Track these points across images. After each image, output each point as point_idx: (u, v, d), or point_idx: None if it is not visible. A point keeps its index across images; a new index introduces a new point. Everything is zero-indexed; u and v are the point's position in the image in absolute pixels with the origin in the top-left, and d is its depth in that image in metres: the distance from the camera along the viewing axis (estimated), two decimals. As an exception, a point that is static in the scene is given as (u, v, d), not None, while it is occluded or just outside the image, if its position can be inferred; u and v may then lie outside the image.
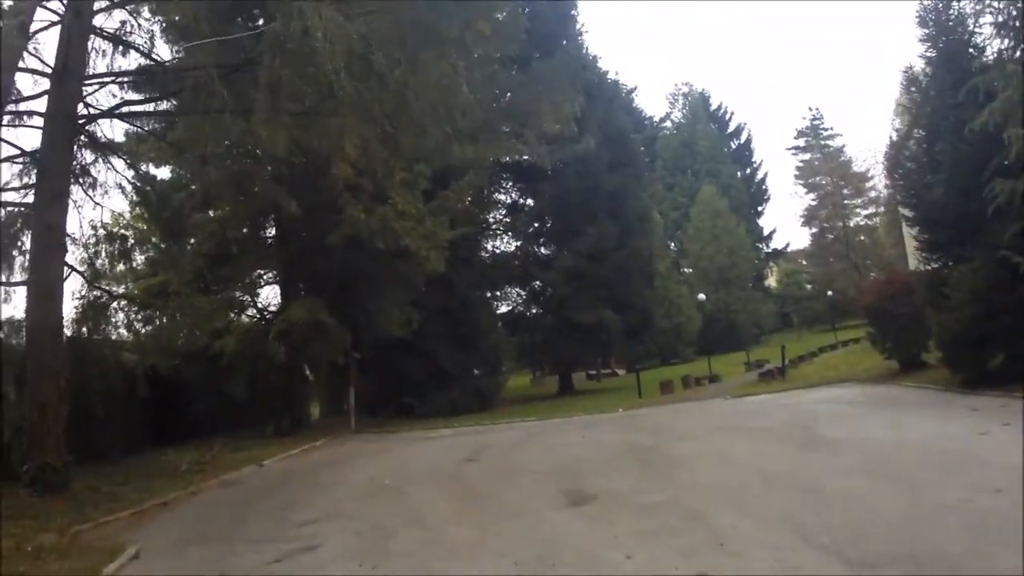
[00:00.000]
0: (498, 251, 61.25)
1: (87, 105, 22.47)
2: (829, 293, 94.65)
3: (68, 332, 24.06)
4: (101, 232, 26.28)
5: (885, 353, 34.10)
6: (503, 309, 61.06)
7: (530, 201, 60.20)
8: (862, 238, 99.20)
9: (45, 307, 20.53)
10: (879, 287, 35.36)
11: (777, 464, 16.37)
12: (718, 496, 13.62)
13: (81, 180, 24.46)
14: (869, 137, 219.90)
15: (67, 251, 22.52)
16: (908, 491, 12.25)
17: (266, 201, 33.42)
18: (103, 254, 26.34)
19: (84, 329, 25.64)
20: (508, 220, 61.43)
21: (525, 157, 49.26)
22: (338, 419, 38.39)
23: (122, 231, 27.55)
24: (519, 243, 61.08)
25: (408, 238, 34.33)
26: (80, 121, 21.84)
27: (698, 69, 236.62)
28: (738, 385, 43.56)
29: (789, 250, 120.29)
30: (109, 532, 15.69)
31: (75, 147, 23.02)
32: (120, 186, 25.74)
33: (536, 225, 60.00)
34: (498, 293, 60.50)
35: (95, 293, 25.93)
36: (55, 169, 20.87)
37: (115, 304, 26.95)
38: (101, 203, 25.55)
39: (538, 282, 57.83)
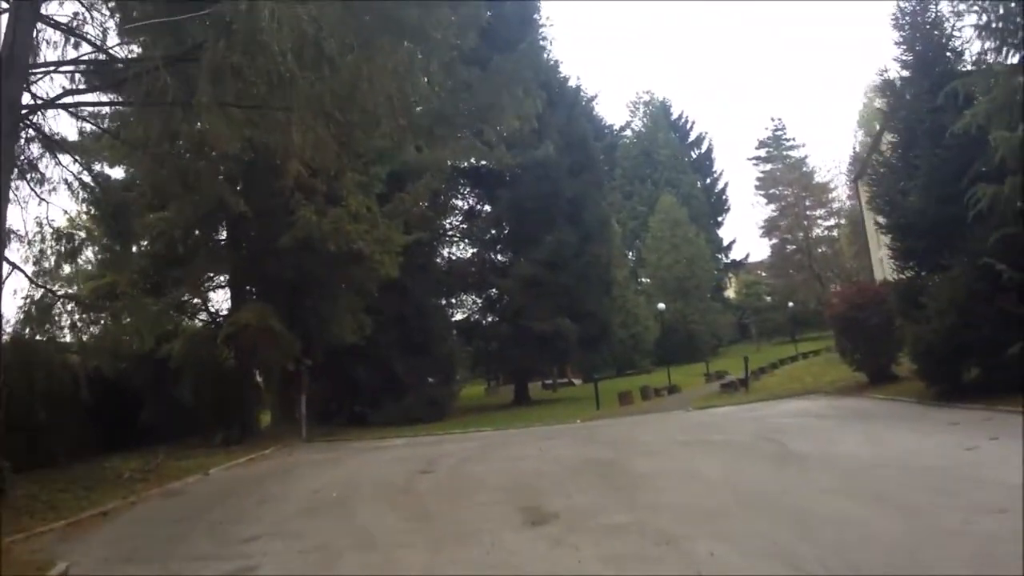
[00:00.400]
0: (454, 258, 60.58)
1: (34, 96, 21.37)
2: (790, 304, 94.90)
3: (8, 332, 23.73)
4: (48, 230, 25.54)
5: (854, 364, 33.70)
6: (458, 317, 60.54)
7: (487, 207, 59.38)
8: (823, 249, 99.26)
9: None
10: (848, 296, 34.90)
11: (750, 482, 15.61)
12: (689, 517, 12.68)
13: (28, 176, 23.14)
14: (832, 148, 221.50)
15: (5, 247, 21.20)
16: (900, 513, 11.46)
17: (217, 201, 31.95)
18: (49, 252, 25.63)
19: (27, 330, 24.75)
20: (465, 226, 60.85)
21: (483, 162, 50.93)
22: (289, 427, 37.52)
23: (70, 230, 26.81)
24: (476, 250, 60.42)
25: (361, 242, 33.86)
26: (23, 111, 20.83)
27: (659, 78, 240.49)
28: (699, 397, 43.04)
29: (749, 261, 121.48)
30: (42, 544, 15.11)
31: (22, 140, 22.02)
32: (67, 183, 24.15)
33: (493, 232, 59.25)
34: (453, 300, 59.95)
35: (38, 293, 24.70)
36: (-3, 162, 19.78)
37: (60, 305, 25.50)
38: (48, 200, 23.91)
39: (495, 289, 57.23)
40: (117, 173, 32.35)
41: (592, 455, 21.58)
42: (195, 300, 38.33)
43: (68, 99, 22.02)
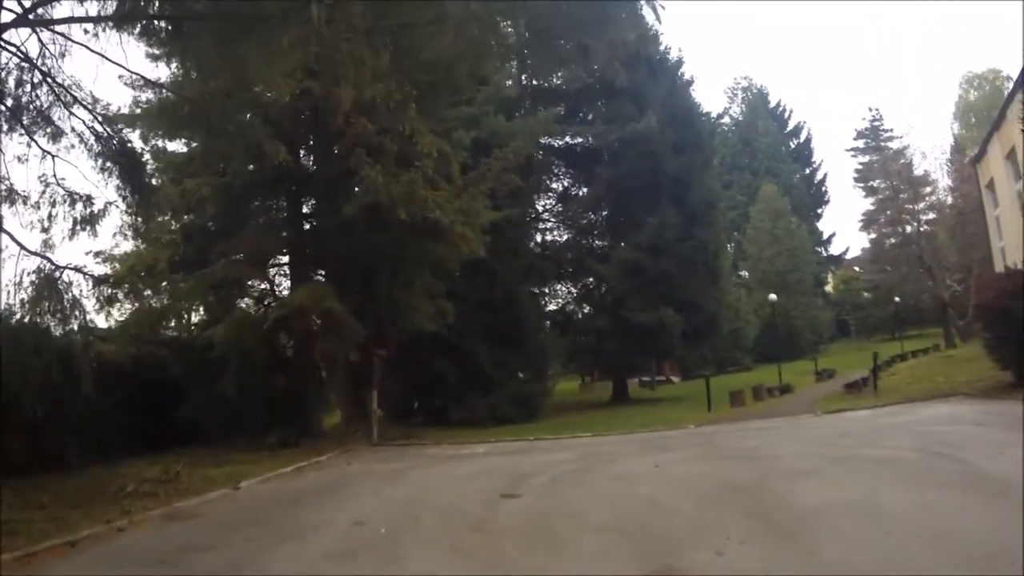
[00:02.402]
0: (548, 242, 57.69)
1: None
2: (896, 300, 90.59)
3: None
4: (59, 191, 21.40)
5: (1002, 362, 28.42)
6: (551, 307, 58.18)
7: (584, 190, 56.26)
8: (922, 245, 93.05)
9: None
10: (998, 284, 29.40)
11: (962, 524, 10.74)
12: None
13: (35, 126, 20.13)
14: (928, 140, 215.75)
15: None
16: None
17: (273, 166, 28.14)
18: (62, 217, 21.57)
19: (24, 311, 20.27)
20: (559, 208, 58.00)
21: (579, 139, 50.65)
22: (360, 427, 33.16)
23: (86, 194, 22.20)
24: (571, 234, 57.47)
25: (440, 211, 29.40)
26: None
27: (755, 64, 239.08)
28: (820, 398, 38.40)
29: (847, 256, 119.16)
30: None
31: (27, 87, 19.43)
32: (80, 136, 20.83)
33: (591, 215, 56.43)
34: (546, 290, 57.15)
35: (42, 266, 20.33)
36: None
37: (67, 280, 20.92)
38: (64, 158, 20.90)
39: (591, 278, 54.41)
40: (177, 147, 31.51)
41: (727, 475, 16.30)
42: (249, 281, 34.38)
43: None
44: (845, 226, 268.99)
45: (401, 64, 18.79)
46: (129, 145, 21.91)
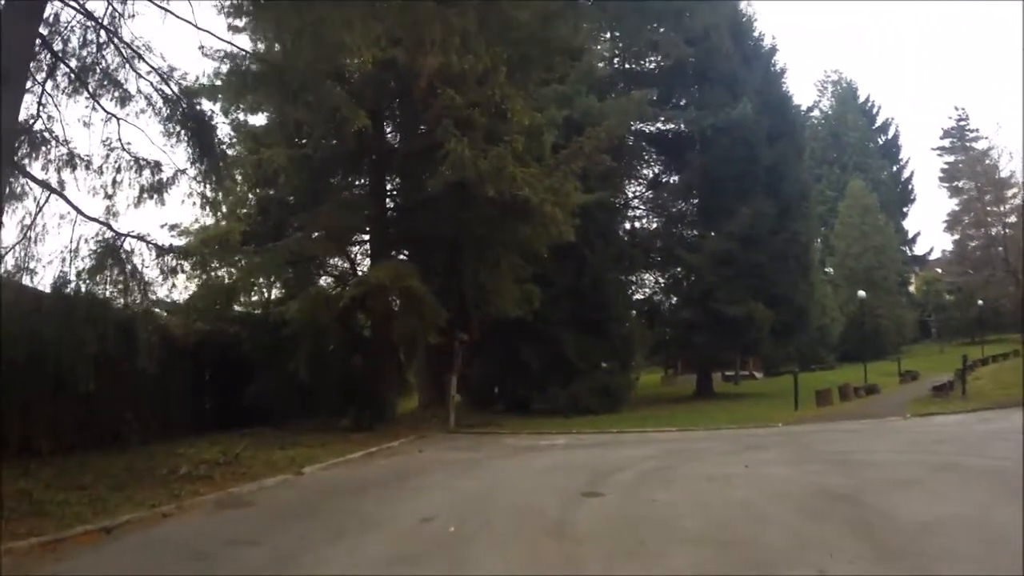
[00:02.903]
0: (637, 229, 55.87)
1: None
2: (980, 303, 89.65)
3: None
4: (124, 156, 20.19)
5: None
6: (637, 296, 56.51)
7: (675, 178, 55.01)
8: (1000, 248, 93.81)
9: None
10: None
11: None
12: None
13: (101, 89, 19.17)
14: (1014, 141, 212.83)
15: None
16: None
17: (357, 140, 28.78)
18: (127, 184, 20.36)
19: (78, 279, 19.27)
20: (649, 196, 56.59)
21: (671, 125, 52.42)
22: (438, 412, 33.71)
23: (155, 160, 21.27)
24: (661, 221, 56.00)
25: (529, 189, 28.17)
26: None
27: (844, 59, 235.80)
28: (908, 400, 36.94)
29: (931, 257, 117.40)
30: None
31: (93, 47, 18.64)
32: (147, 98, 19.83)
33: (681, 203, 55.17)
34: (633, 278, 55.57)
35: (102, 232, 19.47)
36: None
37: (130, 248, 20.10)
38: (124, 119, 19.73)
39: (680, 268, 52.84)
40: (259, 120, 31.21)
41: (822, 481, 15.37)
42: (328, 257, 34.07)
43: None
44: (929, 226, 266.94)
45: (490, 27, 18.53)
46: (199, 108, 20.96)
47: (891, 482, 14.92)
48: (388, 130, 32.75)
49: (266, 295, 32.74)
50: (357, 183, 33.70)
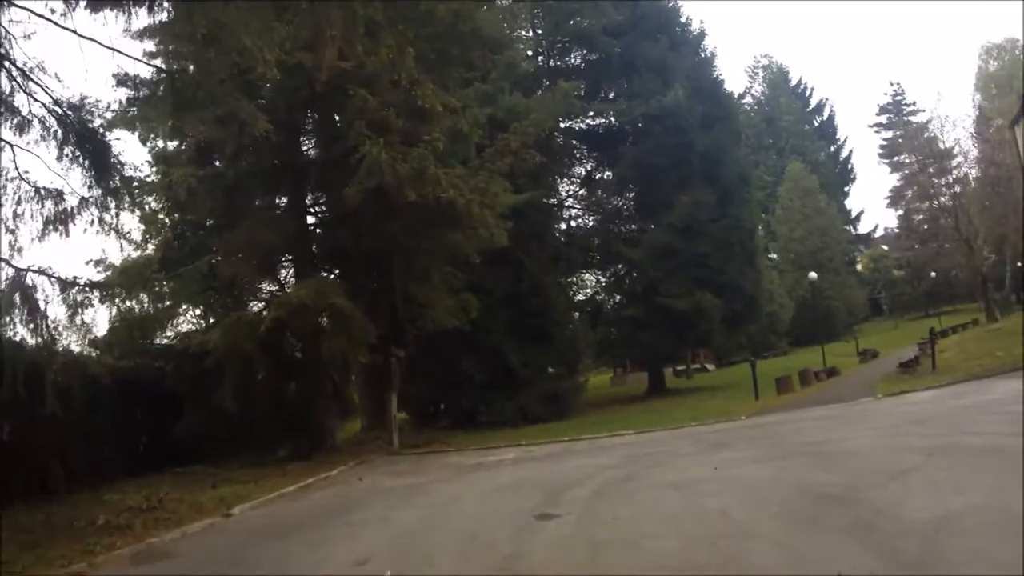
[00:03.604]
0: (574, 228, 55.54)
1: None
2: (932, 275, 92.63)
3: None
4: (25, 187, 19.86)
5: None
6: (579, 297, 56.40)
7: (608, 174, 54.50)
8: (945, 220, 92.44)
9: None
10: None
11: None
12: None
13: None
14: (951, 112, 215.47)
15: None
16: None
17: (273, 155, 28.61)
18: (29, 216, 19.96)
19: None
20: (583, 194, 56.23)
21: (600, 120, 51.99)
22: (382, 433, 31.72)
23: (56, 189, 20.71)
24: (597, 220, 55.15)
25: (454, 191, 26.78)
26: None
27: (772, 43, 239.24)
28: (875, 380, 35.67)
29: (877, 234, 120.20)
30: None
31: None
32: (40, 120, 19.40)
33: (617, 200, 54.34)
34: (573, 279, 55.69)
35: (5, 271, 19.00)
36: None
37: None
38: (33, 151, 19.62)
39: (620, 265, 52.32)
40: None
41: (804, 479, 13.54)
42: (253, 280, 32.50)
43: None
44: (872, 204, 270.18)
45: (403, 20, 18.24)
46: (91, 126, 20.19)
47: (883, 473, 12.85)
48: (306, 142, 31.99)
49: (193, 324, 31.70)
50: (278, 200, 32.44)
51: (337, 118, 28.83)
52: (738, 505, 12.05)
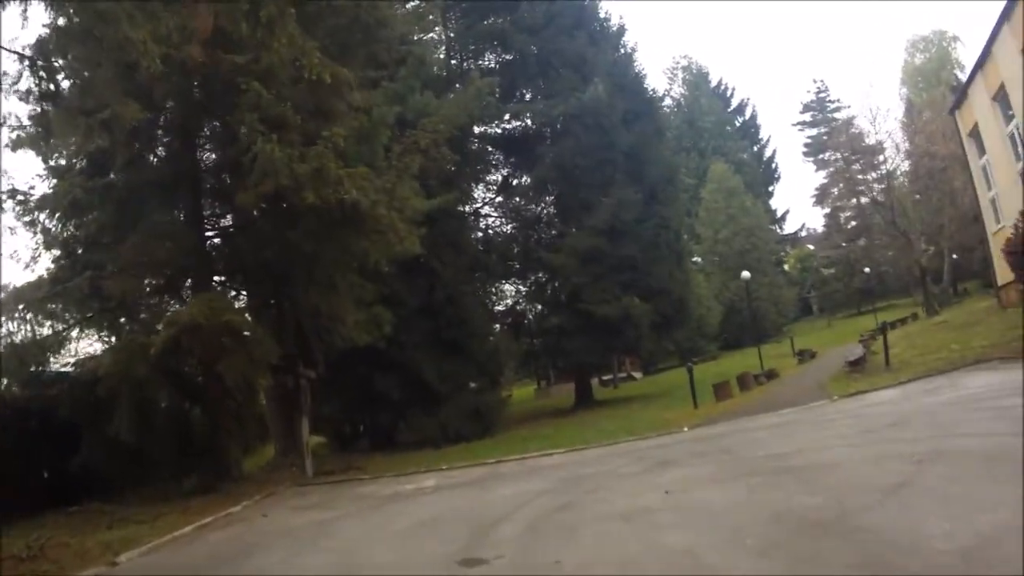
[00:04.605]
0: (492, 235, 53.82)
1: None
2: (866, 271, 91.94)
3: None
4: None
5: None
6: (499, 308, 54.40)
7: (526, 178, 52.46)
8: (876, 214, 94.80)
9: None
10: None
11: None
12: None
13: None
14: (876, 108, 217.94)
15: None
16: None
17: (171, 160, 27.21)
18: None
19: None
20: (500, 200, 54.62)
21: (516, 123, 50.95)
22: (297, 460, 29.76)
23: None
24: (516, 226, 53.66)
25: (359, 192, 24.47)
26: None
27: (691, 43, 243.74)
28: (821, 380, 33.55)
29: (803, 233, 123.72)
30: None
31: None
32: None
33: (534, 206, 52.80)
34: (492, 289, 53.71)
35: None
36: None
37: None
38: None
39: (542, 273, 50.44)
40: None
41: (779, 502, 11.23)
42: (151, 299, 30.43)
43: None
44: (797, 203, 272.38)
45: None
46: None
47: (874, 490, 10.71)
48: (206, 149, 29.94)
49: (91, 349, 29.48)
50: (177, 211, 30.03)
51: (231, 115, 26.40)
52: (706, 541, 9.91)
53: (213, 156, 29.61)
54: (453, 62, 50.76)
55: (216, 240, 30.42)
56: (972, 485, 10.06)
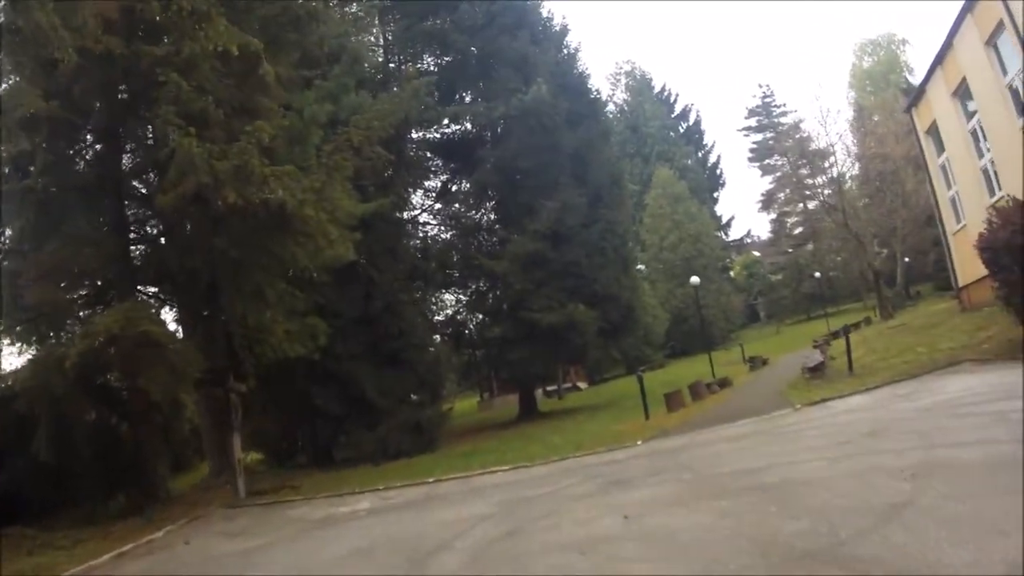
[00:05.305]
0: (430, 239, 52.64)
1: None
2: (816, 275, 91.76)
3: None
4: None
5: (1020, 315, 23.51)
6: (439, 318, 52.98)
7: (465, 184, 51.87)
8: (826, 219, 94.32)
9: None
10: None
11: None
12: None
13: None
14: (826, 111, 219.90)
15: None
16: None
17: (95, 163, 26.28)
18: None
19: None
20: (439, 207, 53.64)
21: (455, 127, 50.21)
22: (231, 478, 27.95)
23: None
24: (455, 232, 52.65)
25: (285, 191, 23.36)
26: None
27: (633, 49, 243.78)
28: (778, 387, 32.19)
29: (748, 240, 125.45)
30: None
31: None
32: None
33: (476, 211, 52.13)
34: (431, 298, 52.50)
35: None
36: None
37: None
38: None
39: (483, 281, 49.44)
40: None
41: (764, 528, 9.91)
42: (77, 310, 28.95)
43: None
44: (742, 209, 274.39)
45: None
46: None
47: (867, 512, 9.44)
48: (131, 151, 28.82)
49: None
50: (101, 217, 28.58)
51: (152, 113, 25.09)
52: (669, 570, 8.81)
53: (138, 158, 28.41)
54: (392, 64, 50.11)
55: (142, 247, 29.39)
56: (981, 502, 8.88)
